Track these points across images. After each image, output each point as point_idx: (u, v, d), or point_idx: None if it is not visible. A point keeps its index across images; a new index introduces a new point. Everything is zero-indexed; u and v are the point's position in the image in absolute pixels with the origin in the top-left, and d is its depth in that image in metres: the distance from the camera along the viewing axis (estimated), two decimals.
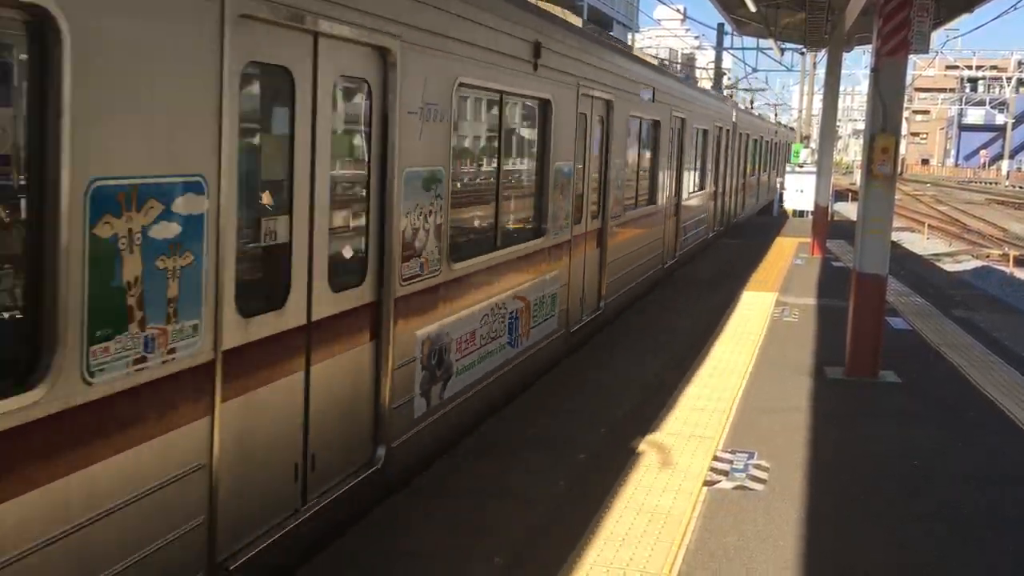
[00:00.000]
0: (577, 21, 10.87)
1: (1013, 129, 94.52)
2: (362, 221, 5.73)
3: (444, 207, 6.65)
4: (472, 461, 6.77)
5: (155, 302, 3.87)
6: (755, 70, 46.70)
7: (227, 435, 4.37)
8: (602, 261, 11.38)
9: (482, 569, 5.12)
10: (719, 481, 6.51)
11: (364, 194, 5.74)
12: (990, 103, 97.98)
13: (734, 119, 24.40)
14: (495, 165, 8.07)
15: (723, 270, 17.91)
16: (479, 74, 7.21)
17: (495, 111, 8.02)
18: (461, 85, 6.85)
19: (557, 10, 9.80)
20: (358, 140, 5.78)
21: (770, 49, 35.69)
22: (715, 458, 6.97)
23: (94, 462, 3.62)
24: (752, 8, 20.80)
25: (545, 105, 8.89)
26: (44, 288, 3.43)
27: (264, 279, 4.89)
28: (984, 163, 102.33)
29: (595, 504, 6.00)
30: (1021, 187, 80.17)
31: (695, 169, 18.68)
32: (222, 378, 4.30)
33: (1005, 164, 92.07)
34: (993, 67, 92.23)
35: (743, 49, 45.54)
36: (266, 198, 4.95)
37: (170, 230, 3.91)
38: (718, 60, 44.36)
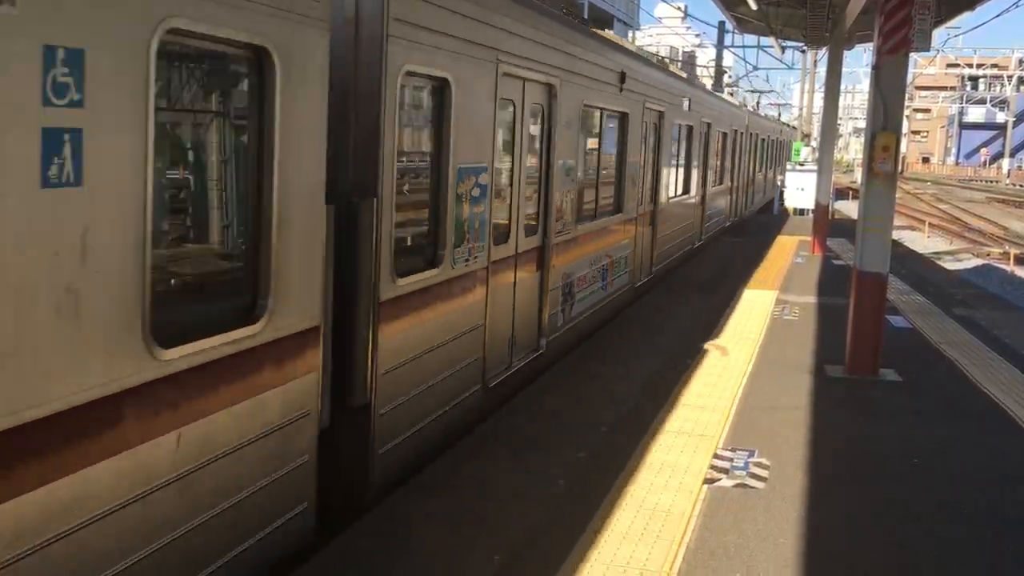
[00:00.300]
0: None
1: (1014, 127, 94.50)
2: (537, 196, 8.99)
3: (574, 188, 9.98)
4: (472, 459, 6.76)
5: (472, 230, 7.16)
6: (756, 68, 46.70)
7: (489, 310, 7.65)
8: (653, 236, 14.63)
9: (482, 567, 5.11)
10: (719, 479, 6.51)
11: (539, 177, 9.03)
12: (991, 101, 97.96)
13: (746, 122, 27.48)
14: (596, 160, 11.19)
15: (723, 268, 17.91)
16: (593, 97, 10.41)
17: (599, 122, 11.16)
18: (585, 106, 10.08)
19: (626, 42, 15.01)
20: (537, 144, 8.94)
21: (771, 47, 35.69)
22: (715, 456, 6.97)
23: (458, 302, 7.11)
24: (753, 6, 20.78)
25: (624, 117, 12.05)
26: (441, 218, 6.70)
27: (500, 228, 7.97)
28: (985, 161, 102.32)
29: (595, 502, 6.00)
30: (1022, 185, 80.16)
31: (717, 166, 21.59)
32: (488, 277, 7.58)
33: (1006, 162, 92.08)
34: (994, 65, 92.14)
35: (744, 47, 45.54)
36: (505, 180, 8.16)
37: (476, 193, 7.22)
38: (719, 58, 44.33)
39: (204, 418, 4.18)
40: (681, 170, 16.86)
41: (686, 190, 17.46)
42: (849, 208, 42.78)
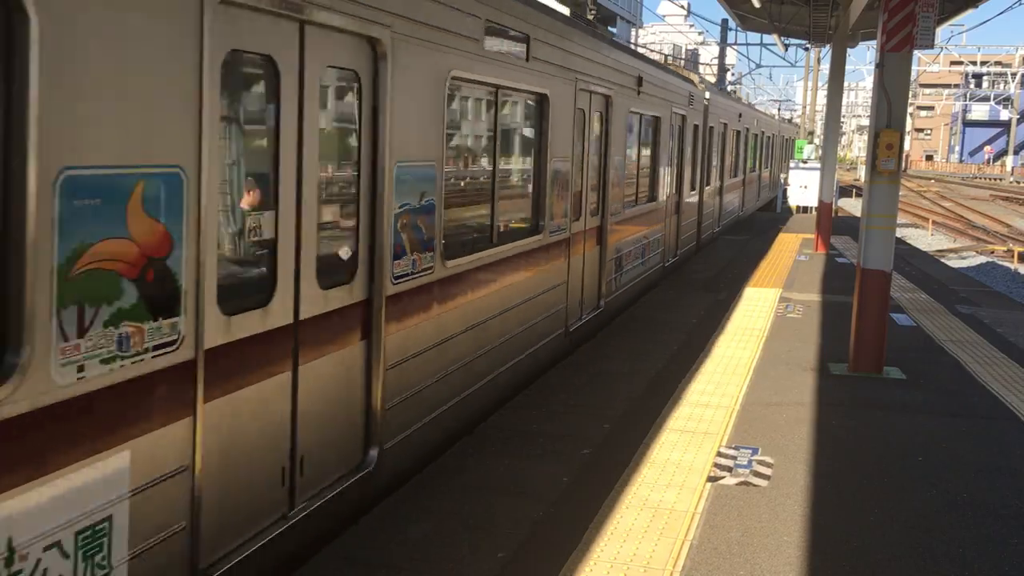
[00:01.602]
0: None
1: (1018, 125, 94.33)
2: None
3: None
4: (475, 456, 6.77)
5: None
6: (759, 65, 46.60)
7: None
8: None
9: (485, 564, 5.12)
10: (723, 477, 6.51)
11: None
12: (995, 99, 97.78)
13: (758, 122, 30.50)
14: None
15: (727, 266, 17.90)
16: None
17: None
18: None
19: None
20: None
21: (774, 45, 35.65)
22: (719, 454, 6.96)
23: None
24: (756, 3, 20.75)
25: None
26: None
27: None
28: (988, 159, 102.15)
29: (598, 499, 6.00)
30: None
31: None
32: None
33: (1010, 160, 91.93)
34: (998, 63, 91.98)
35: (747, 45, 45.52)
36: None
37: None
38: (722, 56, 44.30)
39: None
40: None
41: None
42: (852, 206, 42.73)
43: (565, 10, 10.18)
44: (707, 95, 19.09)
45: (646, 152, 13.85)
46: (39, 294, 3.23)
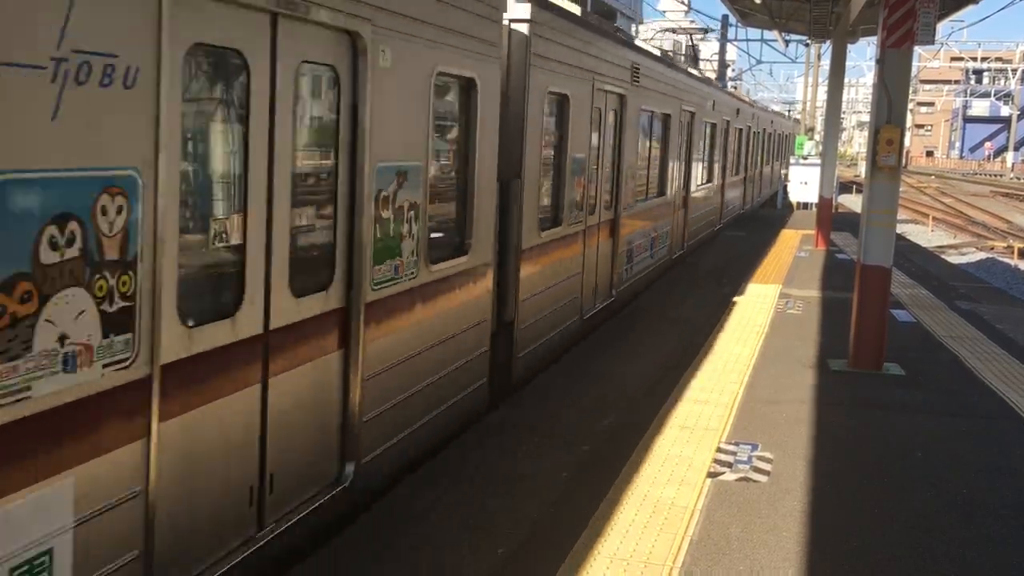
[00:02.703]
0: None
1: (1018, 121, 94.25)
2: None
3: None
4: (476, 451, 6.78)
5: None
6: (759, 61, 46.58)
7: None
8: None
9: (486, 559, 5.13)
10: (723, 473, 6.52)
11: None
12: (995, 95, 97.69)
13: (771, 121, 33.43)
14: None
15: (727, 262, 17.90)
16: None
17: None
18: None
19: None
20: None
21: (774, 41, 35.62)
22: (719, 449, 6.97)
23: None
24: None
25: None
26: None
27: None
28: (989, 155, 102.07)
29: (599, 495, 6.01)
30: None
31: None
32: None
33: (1010, 156, 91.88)
34: (998, 59, 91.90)
35: (747, 41, 45.47)
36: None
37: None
38: (722, 52, 44.25)
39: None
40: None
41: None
42: (853, 202, 42.69)
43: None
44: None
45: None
46: None
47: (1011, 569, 5.33)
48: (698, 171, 18.36)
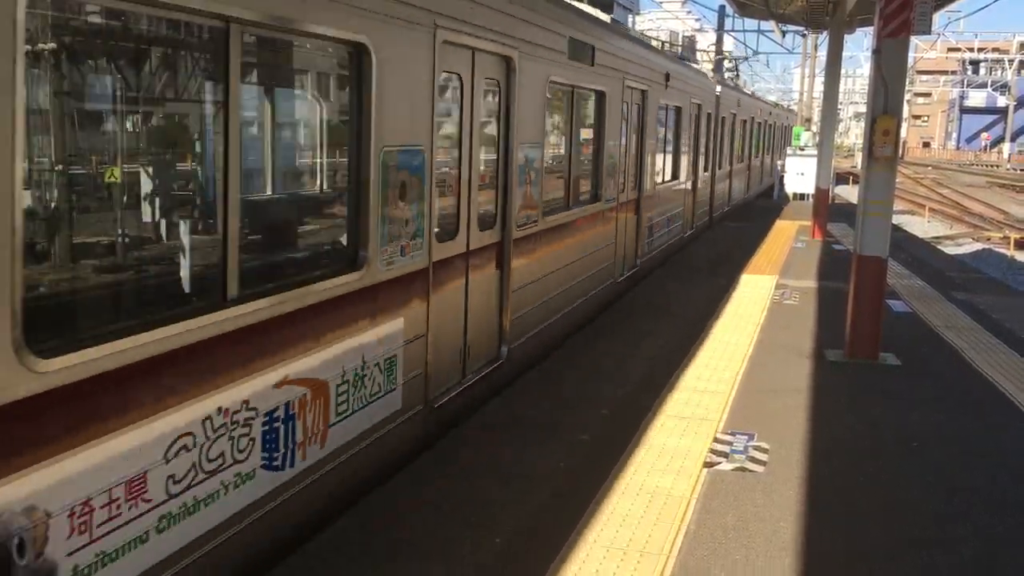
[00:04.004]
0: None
1: (1015, 112, 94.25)
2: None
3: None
4: (474, 442, 6.79)
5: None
6: (756, 52, 46.48)
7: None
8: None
9: (483, 550, 5.14)
10: (719, 463, 6.53)
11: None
12: (992, 85, 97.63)
13: (771, 112, 35.80)
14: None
15: (723, 253, 17.91)
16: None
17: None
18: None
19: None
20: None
21: (771, 31, 35.55)
22: (715, 440, 6.99)
23: None
24: None
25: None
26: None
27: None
28: (985, 146, 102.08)
29: (595, 484, 6.02)
30: (1022, 170, 79.99)
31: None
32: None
33: (1006, 147, 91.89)
34: (995, 49, 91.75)
35: (744, 31, 45.40)
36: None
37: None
38: (719, 43, 44.15)
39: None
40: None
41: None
42: (849, 193, 42.69)
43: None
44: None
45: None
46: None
47: (1006, 556, 5.35)
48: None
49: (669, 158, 16.32)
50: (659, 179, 15.12)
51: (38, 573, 3.33)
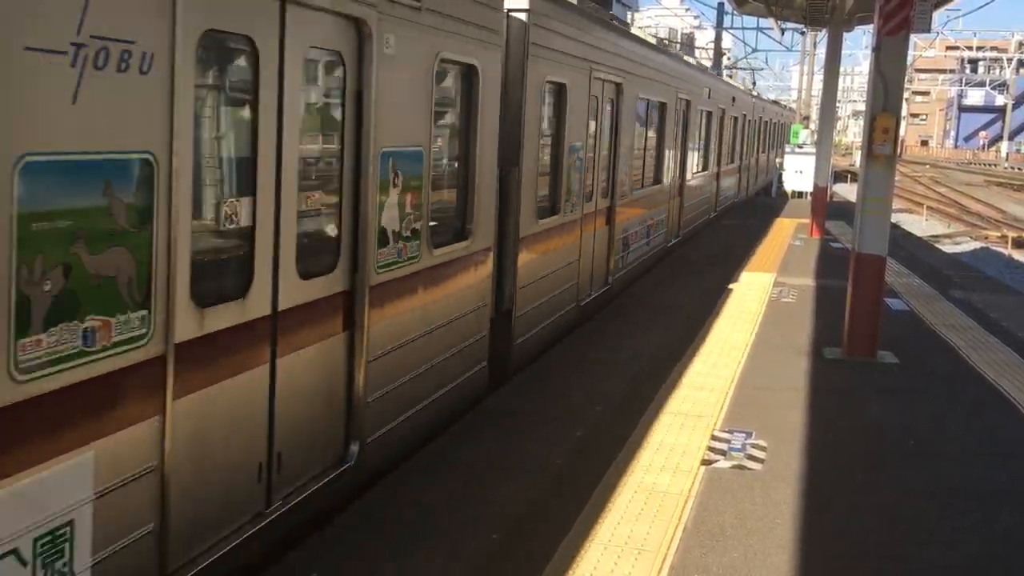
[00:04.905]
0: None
1: (1013, 110, 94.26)
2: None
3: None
4: (471, 437, 6.78)
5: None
6: (755, 50, 46.47)
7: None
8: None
9: (480, 545, 5.13)
10: (717, 460, 6.53)
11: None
12: (990, 84, 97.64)
13: (773, 112, 37.53)
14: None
15: (721, 251, 17.90)
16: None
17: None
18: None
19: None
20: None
21: (770, 29, 35.53)
22: (713, 437, 6.98)
23: None
24: None
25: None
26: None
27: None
28: (983, 144, 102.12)
29: (593, 481, 6.01)
30: (1020, 168, 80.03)
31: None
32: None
33: (1004, 145, 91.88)
34: (994, 48, 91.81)
35: (743, 29, 45.37)
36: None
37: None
38: (718, 40, 44.14)
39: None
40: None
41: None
42: (848, 191, 42.69)
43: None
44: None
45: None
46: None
47: (1008, 555, 5.35)
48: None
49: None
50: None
51: None
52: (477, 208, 7.24)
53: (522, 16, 8.01)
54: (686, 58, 21.54)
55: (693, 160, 18.30)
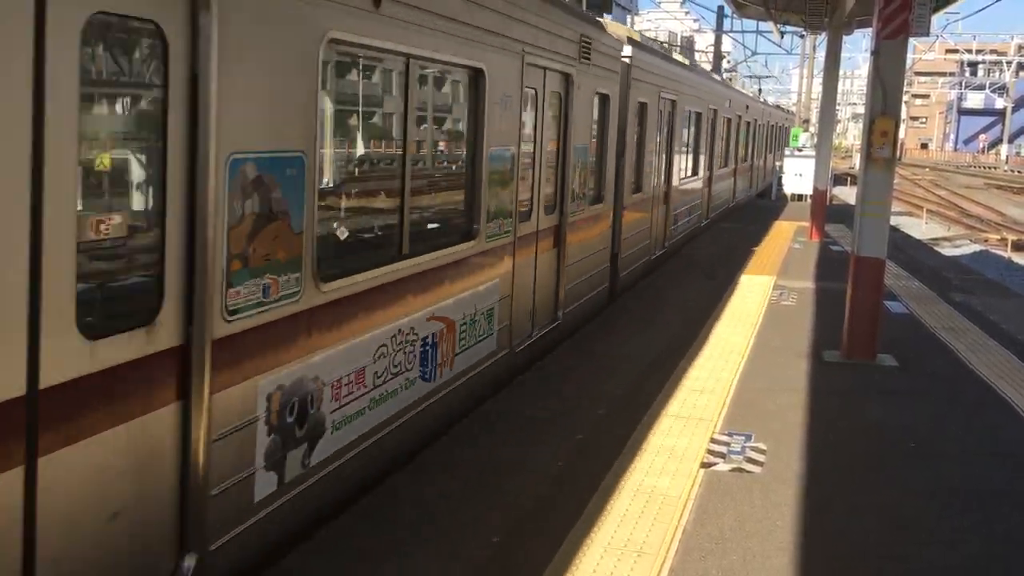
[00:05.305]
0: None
1: (1012, 113, 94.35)
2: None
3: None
4: (471, 440, 6.78)
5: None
6: (754, 53, 46.54)
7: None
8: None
9: (479, 548, 5.13)
10: (716, 463, 6.53)
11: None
12: (990, 87, 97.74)
13: (777, 117, 40.14)
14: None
15: (721, 254, 17.91)
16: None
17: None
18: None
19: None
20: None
21: (770, 32, 35.56)
22: (712, 440, 6.99)
23: None
24: None
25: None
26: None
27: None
28: (983, 147, 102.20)
29: (593, 484, 6.02)
30: (1020, 171, 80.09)
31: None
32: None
33: (1004, 148, 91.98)
34: (993, 51, 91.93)
35: (743, 32, 45.45)
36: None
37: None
38: (717, 44, 44.21)
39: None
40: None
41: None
42: (847, 194, 42.72)
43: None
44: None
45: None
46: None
47: (1008, 556, 5.36)
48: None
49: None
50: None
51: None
52: (607, 182, 11.44)
53: (627, 60, 12.15)
54: (713, 75, 24.66)
55: (718, 158, 21.98)
